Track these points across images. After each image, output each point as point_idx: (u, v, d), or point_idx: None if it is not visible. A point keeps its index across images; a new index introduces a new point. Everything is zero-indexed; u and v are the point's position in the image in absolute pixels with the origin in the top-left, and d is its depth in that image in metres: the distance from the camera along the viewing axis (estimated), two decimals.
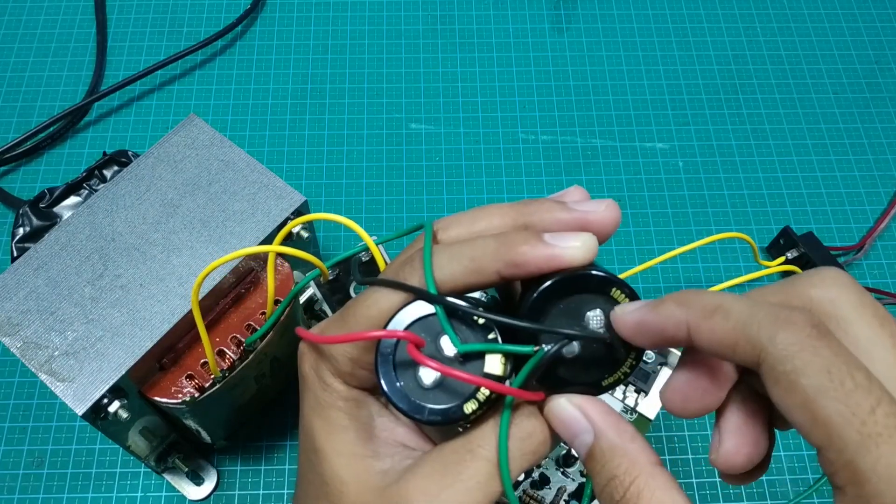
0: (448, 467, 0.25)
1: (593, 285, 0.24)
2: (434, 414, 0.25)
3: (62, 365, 0.34)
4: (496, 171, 0.53)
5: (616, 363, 0.25)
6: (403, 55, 0.58)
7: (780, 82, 0.57)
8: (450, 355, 0.25)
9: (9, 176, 0.52)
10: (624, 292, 0.24)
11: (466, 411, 0.24)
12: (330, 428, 0.27)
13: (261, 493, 0.43)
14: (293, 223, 0.34)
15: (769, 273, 0.47)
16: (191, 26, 0.59)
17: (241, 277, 0.38)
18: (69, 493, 0.42)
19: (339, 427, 0.27)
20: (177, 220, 0.37)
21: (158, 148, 0.39)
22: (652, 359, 0.43)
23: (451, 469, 0.25)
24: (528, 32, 0.59)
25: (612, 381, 0.25)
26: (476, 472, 0.25)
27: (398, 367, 0.25)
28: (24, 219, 0.43)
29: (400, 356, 0.25)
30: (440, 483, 0.25)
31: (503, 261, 0.24)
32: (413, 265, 0.26)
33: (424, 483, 0.25)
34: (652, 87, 0.57)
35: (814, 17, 0.61)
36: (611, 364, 0.25)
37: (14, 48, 0.57)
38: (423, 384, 0.25)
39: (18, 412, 0.44)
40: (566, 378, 0.25)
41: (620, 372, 0.25)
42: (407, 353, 0.24)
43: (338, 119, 0.55)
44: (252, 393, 0.41)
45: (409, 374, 0.25)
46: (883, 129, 0.56)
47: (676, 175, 0.53)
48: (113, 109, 0.55)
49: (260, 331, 0.36)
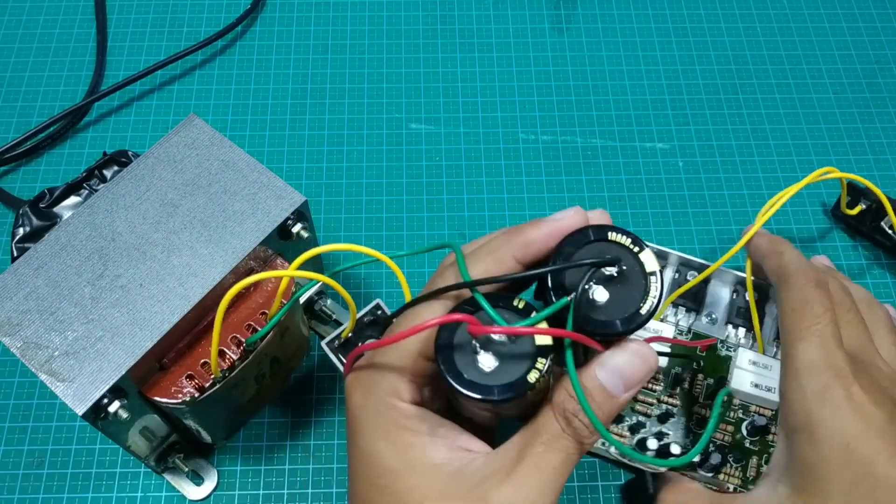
0: (523, 451, 0.27)
1: (594, 234, 0.28)
2: (503, 391, 0.26)
3: (62, 365, 0.34)
4: (496, 171, 0.53)
5: (644, 288, 0.27)
6: (403, 55, 0.58)
7: (780, 82, 0.57)
8: (497, 341, 0.27)
9: (9, 176, 0.52)
10: (621, 233, 0.28)
11: (531, 380, 0.26)
12: (398, 447, 0.28)
13: (261, 493, 0.43)
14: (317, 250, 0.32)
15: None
16: (191, 26, 0.59)
17: (241, 277, 0.38)
18: (69, 493, 0.42)
19: (408, 444, 0.28)
20: (177, 220, 0.37)
21: (158, 148, 0.39)
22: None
23: (526, 452, 0.27)
24: (528, 32, 0.59)
25: (647, 307, 0.27)
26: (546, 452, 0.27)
27: (457, 359, 0.27)
28: (24, 219, 0.43)
29: (458, 348, 0.27)
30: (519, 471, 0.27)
31: (515, 245, 0.28)
32: (444, 276, 0.29)
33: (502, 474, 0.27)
34: (652, 87, 0.57)
35: (814, 17, 0.61)
36: (639, 291, 0.27)
37: (14, 48, 0.57)
38: (483, 370, 0.27)
39: (18, 412, 0.44)
40: (606, 320, 0.27)
41: (651, 296, 0.27)
42: (462, 341, 0.27)
43: (338, 119, 0.55)
44: (252, 393, 0.41)
45: (469, 364, 0.27)
46: (883, 129, 0.56)
47: (676, 175, 0.53)
48: (113, 109, 0.55)
49: (261, 331, 0.36)
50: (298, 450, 0.44)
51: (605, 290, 0.27)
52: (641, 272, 0.28)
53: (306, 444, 0.44)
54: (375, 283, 0.49)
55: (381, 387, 0.29)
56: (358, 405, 0.29)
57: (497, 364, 0.27)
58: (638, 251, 0.28)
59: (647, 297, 0.27)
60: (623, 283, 0.28)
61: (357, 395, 0.30)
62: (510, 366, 0.27)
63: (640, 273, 0.28)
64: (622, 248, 0.28)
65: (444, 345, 0.27)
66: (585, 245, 0.28)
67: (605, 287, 0.27)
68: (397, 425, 0.28)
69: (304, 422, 0.45)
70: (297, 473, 0.43)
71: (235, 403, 0.40)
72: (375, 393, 0.29)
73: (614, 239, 0.28)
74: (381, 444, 0.28)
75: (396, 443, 0.28)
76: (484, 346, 0.27)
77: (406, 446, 0.28)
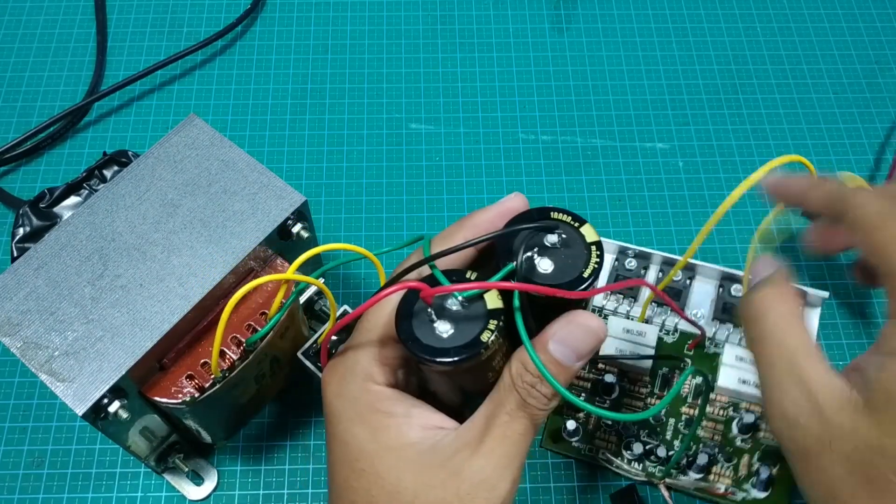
0: (489, 422, 0.29)
1: (537, 214, 0.31)
2: (458, 352, 0.28)
3: (62, 365, 0.34)
4: (496, 171, 0.53)
5: (586, 257, 0.30)
6: (403, 55, 0.58)
7: (780, 82, 0.57)
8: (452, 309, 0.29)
9: (9, 176, 0.52)
10: (561, 212, 0.31)
11: (484, 339, 0.28)
12: (374, 429, 0.29)
13: (261, 493, 0.43)
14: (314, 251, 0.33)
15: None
16: (191, 26, 0.59)
17: (241, 277, 0.38)
18: (69, 493, 0.42)
19: (383, 426, 0.29)
20: (177, 220, 0.37)
21: (158, 148, 0.39)
22: (679, 277, 0.47)
23: (492, 423, 0.29)
24: (528, 32, 0.59)
25: (588, 271, 0.29)
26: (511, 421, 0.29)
27: (416, 328, 0.29)
28: (24, 219, 0.43)
29: (417, 318, 0.29)
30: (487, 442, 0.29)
31: (466, 227, 0.31)
32: (408, 260, 0.32)
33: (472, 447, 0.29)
34: (652, 87, 0.57)
35: (814, 17, 0.61)
36: (582, 259, 0.30)
37: (14, 48, 0.57)
38: (441, 336, 0.28)
39: (18, 412, 0.44)
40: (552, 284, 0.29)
41: (593, 262, 0.30)
42: (420, 311, 0.29)
43: (338, 119, 0.55)
44: (252, 393, 0.41)
45: (427, 332, 0.29)
46: (883, 129, 0.56)
47: (676, 175, 0.53)
48: (113, 109, 0.55)
49: (261, 331, 0.36)
50: (298, 450, 0.44)
51: (550, 260, 0.30)
52: (583, 244, 0.30)
53: (306, 444, 0.44)
54: (375, 283, 0.49)
55: (356, 373, 0.30)
56: (334, 394, 0.31)
57: (453, 330, 0.29)
58: (578, 226, 0.31)
59: (589, 263, 0.30)
60: (566, 254, 0.30)
61: (333, 385, 0.31)
62: (465, 329, 0.29)
63: (581, 244, 0.30)
64: (564, 224, 0.31)
65: (404, 315, 0.29)
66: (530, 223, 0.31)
67: (549, 258, 0.30)
68: (372, 409, 0.30)
69: (304, 422, 0.45)
70: (297, 473, 0.43)
71: (235, 403, 0.40)
72: (350, 380, 0.30)
73: (556, 217, 0.31)
74: (357, 429, 0.30)
75: (373, 426, 0.29)
76: (439, 315, 0.29)
77: (382, 428, 0.29)
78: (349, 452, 0.30)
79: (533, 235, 0.30)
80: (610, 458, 0.42)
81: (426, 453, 0.29)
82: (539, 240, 0.30)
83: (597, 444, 0.43)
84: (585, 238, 0.30)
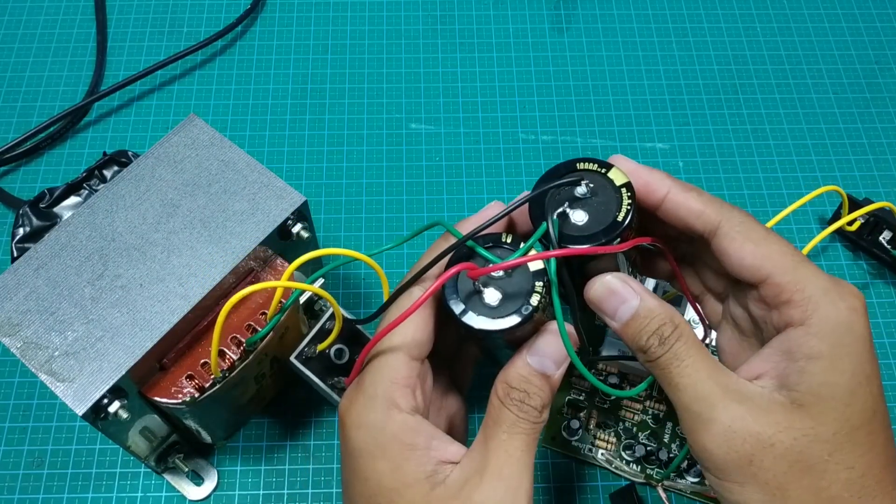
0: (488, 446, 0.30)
1: (563, 169, 0.31)
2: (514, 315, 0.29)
3: (62, 365, 0.34)
4: (496, 171, 0.53)
5: (618, 201, 0.30)
6: (403, 55, 0.58)
7: (780, 82, 0.57)
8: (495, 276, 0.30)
9: (9, 176, 0.52)
10: (587, 161, 0.31)
11: (534, 303, 0.29)
12: (396, 465, 0.30)
13: (261, 493, 0.43)
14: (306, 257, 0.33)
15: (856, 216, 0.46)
16: (191, 26, 0.59)
17: (241, 277, 0.38)
18: (69, 493, 0.42)
19: (404, 461, 0.30)
20: (177, 220, 0.37)
21: (158, 148, 0.39)
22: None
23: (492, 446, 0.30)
24: (528, 32, 0.59)
25: (622, 213, 0.30)
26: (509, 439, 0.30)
27: (467, 303, 0.30)
28: (24, 219, 0.43)
29: (464, 294, 0.30)
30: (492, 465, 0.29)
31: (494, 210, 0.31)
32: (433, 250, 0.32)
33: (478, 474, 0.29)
34: (652, 87, 0.57)
35: (814, 17, 0.61)
36: (615, 204, 0.30)
37: (14, 48, 0.57)
38: (491, 304, 0.30)
39: (18, 412, 0.44)
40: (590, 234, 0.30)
41: (625, 205, 0.30)
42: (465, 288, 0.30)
43: (338, 119, 0.55)
44: (252, 393, 0.41)
45: (477, 303, 0.30)
46: (883, 129, 0.56)
47: (677, 175, 0.53)
48: (113, 109, 0.55)
49: (261, 332, 0.36)
50: (298, 450, 0.44)
51: (583, 211, 0.30)
52: (613, 188, 0.30)
53: (306, 444, 0.44)
54: (376, 283, 0.49)
55: (376, 400, 0.30)
56: (355, 425, 0.31)
57: (501, 296, 0.30)
58: (605, 171, 0.31)
59: (621, 205, 0.30)
60: (598, 202, 0.30)
61: (352, 415, 0.31)
62: (512, 298, 0.30)
63: (611, 189, 0.30)
64: (590, 172, 0.31)
65: (451, 293, 0.30)
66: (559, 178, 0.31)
67: (582, 209, 0.30)
68: (396, 440, 0.30)
69: (304, 422, 0.45)
70: (297, 473, 0.43)
71: (235, 403, 0.40)
72: (371, 408, 0.30)
73: (583, 167, 0.31)
74: (380, 465, 0.30)
75: (395, 461, 0.30)
76: (485, 284, 0.30)
77: (403, 462, 0.30)
78: (368, 488, 0.30)
79: (561, 191, 0.31)
80: (610, 459, 0.42)
81: (440, 487, 0.29)
82: (569, 193, 0.31)
83: (597, 445, 0.43)
84: (615, 182, 0.31)
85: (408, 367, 0.31)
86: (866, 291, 0.49)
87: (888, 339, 0.48)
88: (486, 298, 0.30)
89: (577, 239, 0.30)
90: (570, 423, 0.43)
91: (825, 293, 0.29)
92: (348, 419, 0.31)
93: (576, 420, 0.43)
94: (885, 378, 0.46)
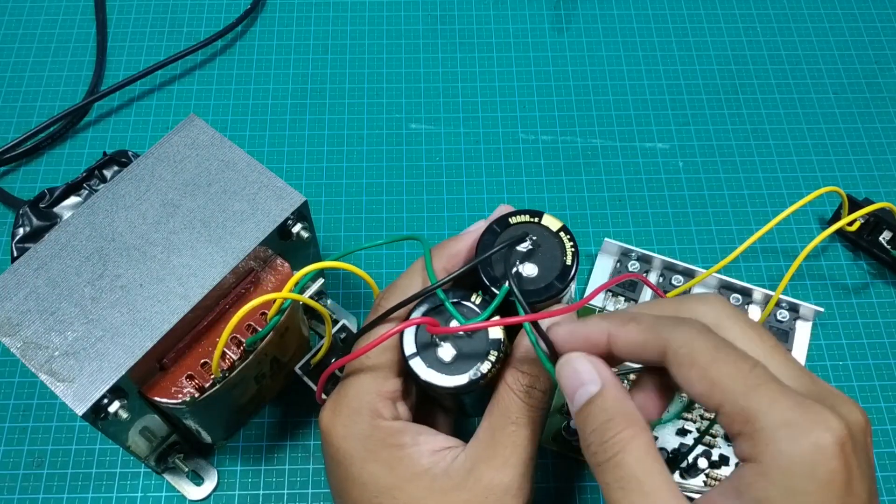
0: (497, 434, 0.30)
1: (498, 226, 0.32)
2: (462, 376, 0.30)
3: (62, 365, 0.34)
4: (496, 171, 0.53)
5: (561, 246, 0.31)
6: (403, 55, 0.58)
7: (780, 82, 0.57)
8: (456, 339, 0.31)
9: (9, 176, 0.52)
10: (518, 213, 0.32)
11: (484, 371, 0.30)
12: (389, 465, 0.30)
13: (261, 493, 0.43)
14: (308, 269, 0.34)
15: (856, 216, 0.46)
16: (191, 26, 0.59)
17: (241, 277, 0.38)
18: (69, 493, 0.42)
19: (397, 460, 0.30)
20: (177, 220, 0.37)
21: (158, 148, 0.39)
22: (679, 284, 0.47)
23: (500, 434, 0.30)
24: (528, 32, 0.59)
25: (569, 258, 0.31)
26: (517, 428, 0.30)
27: (422, 356, 0.30)
28: (24, 219, 0.43)
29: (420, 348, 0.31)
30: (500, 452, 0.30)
31: (444, 258, 0.33)
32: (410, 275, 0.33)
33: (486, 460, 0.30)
34: (652, 87, 0.57)
35: (814, 17, 0.61)
36: (559, 250, 0.31)
37: (14, 48, 0.57)
38: (443, 360, 0.30)
39: (18, 412, 0.44)
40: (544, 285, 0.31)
41: (569, 248, 0.31)
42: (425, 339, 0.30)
43: (338, 119, 0.55)
44: (252, 393, 0.41)
45: (430, 355, 0.30)
46: (883, 129, 0.56)
47: (676, 175, 0.53)
48: (113, 109, 0.55)
49: (261, 332, 0.36)
50: (298, 450, 0.44)
51: (532, 263, 0.31)
52: (551, 234, 0.32)
53: (306, 444, 0.44)
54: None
55: (361, 412, 0.31)
56: (341, 436, 0.31)
57: (455, 353, 0.30)
58: (538, 221, 0.32)
59: (565, 250, 0.31)
60: (542, 251, 0.31)
61: (338, 428, 0.32)
62: (467, 358, 0.30)
63: (550, 236, 0.32)
64: (526, 224, 0.32)
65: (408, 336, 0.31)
66: (497, 237, 0.32)
67: (530, 261, 0.31)
68: (384, 444, 0.31)
69: (304, 422, 0.45)
70: (297, 473, 0.43)
71: (235, 403, 0.40)
72: (357, 420, 0.31)
73: (516, 221, 0.32)
74: (373, 467, 0.31)
75: (387, 462, 0.30)
76: (444, 338, 0.31)
77: (396, 462, 0.30)
78: (367, 491, 0.31)
79: (509, 252, 0.31)
80: None
81: (441, 477, 0.30)
82: (515, 252, 0.31)
83: None
84: (551, 228, 0.32)
85: (391, 382, 0.32)
86: (866, 291, 0.49)
87: (888, 339, 0.48)
88: (439, 352, 0.30)
89: (534, 292, 0.31)
90: (570, 423, 0.43)
91: (785, 426, 0.24)
92: (334, 430, 0.32)
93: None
94: (885, 378, 0.47)
